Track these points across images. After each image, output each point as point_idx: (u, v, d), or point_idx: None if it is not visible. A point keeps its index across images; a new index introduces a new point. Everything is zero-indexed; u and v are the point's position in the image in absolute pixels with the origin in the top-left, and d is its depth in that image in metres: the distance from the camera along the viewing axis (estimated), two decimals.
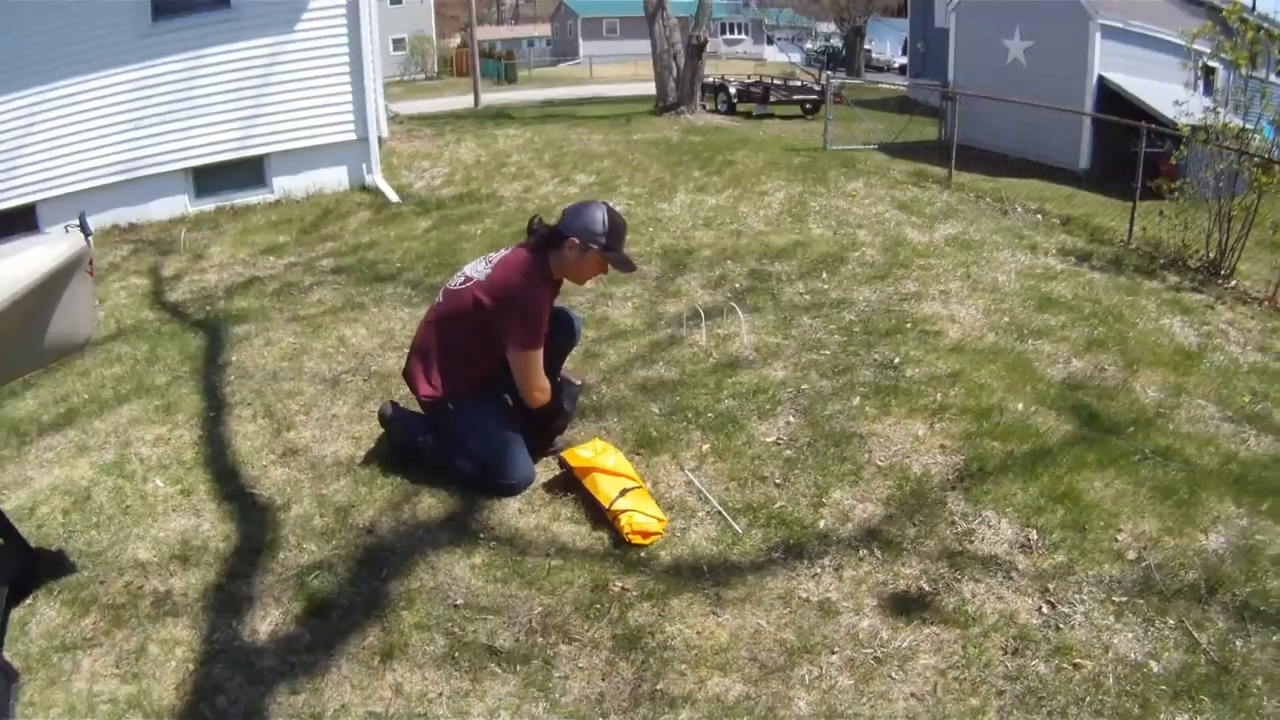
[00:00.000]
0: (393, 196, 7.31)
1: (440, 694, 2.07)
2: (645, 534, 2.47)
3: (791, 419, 3.16)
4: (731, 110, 12.59)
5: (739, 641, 2.13)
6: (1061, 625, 2.19)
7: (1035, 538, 2.46)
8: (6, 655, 2.28)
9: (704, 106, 11.45)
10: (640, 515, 2.48)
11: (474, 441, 2.75)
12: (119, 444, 3.33)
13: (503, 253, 2.78)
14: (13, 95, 6.27)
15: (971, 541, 2.45)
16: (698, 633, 2.17)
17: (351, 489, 2.89)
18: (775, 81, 13.90)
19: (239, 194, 7.33)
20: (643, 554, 2.46)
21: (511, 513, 2.70)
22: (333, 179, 7.63)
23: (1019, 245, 5.23)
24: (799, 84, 13.95)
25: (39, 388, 3.95)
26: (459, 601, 2.35)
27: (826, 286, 4.36)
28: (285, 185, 7.50)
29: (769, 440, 3.02)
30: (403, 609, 2.34)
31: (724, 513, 2.59)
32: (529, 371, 2.66)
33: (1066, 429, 3.09)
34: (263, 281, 5.32)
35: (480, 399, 2.74)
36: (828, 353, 3.68)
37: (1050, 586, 2.32)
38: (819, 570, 2.36)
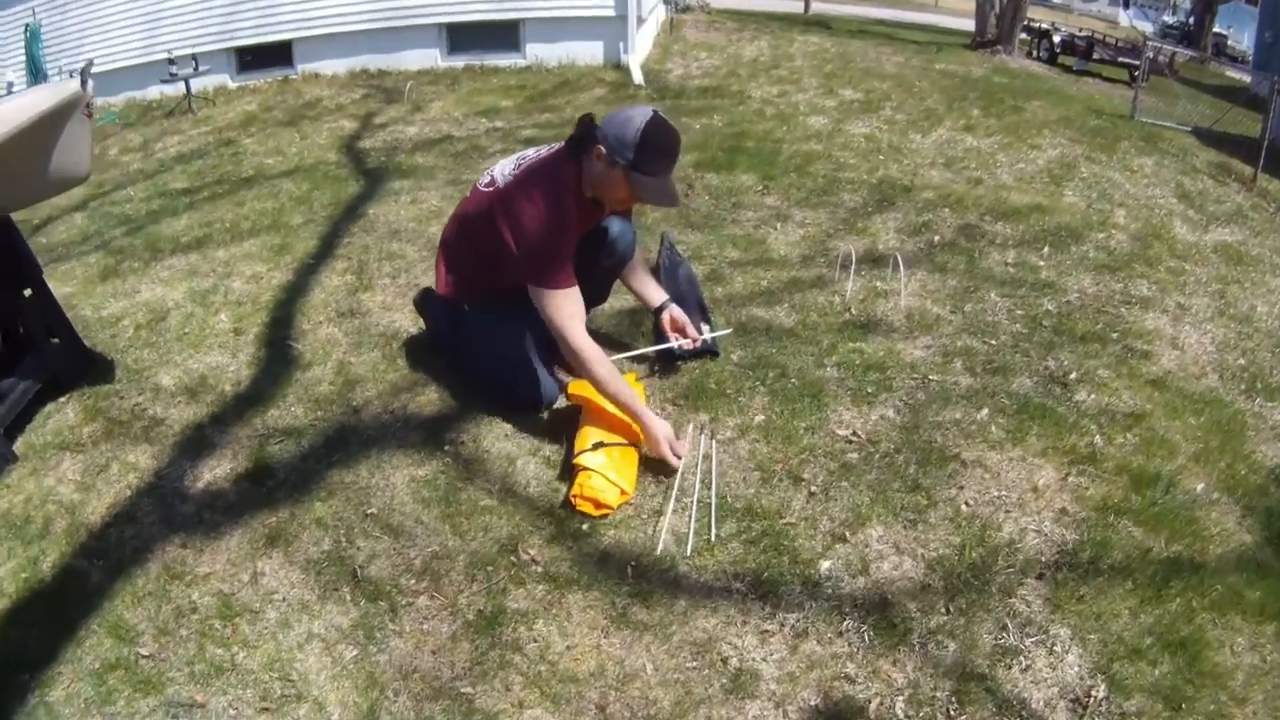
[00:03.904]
0: (637, 79, 7.34)
1: (284, 599, 2.08)
2: (598, 504, 2.18)
3: (890, 414, 2.58)
4: (1052, 60, 12.92)
5: (600, 679, 1.79)
6: None
7: (1101, 694, 1.72)
8: (21, 442, 2.77)
9: (1026, 52, 11.15)
10: (600, 480, 2.19)
11: (487, 350, 2.64)
12: (221, 275, 3.79)
13: (540, 152, 2.48)
14: None
15: (1009, 666, 1.79)
16: (567, 648, 1.87)
17: (372, 365, 2.98)
18: (1104, 38, 13.70)
19: (490, 55, 7.87)
20: (584, 526, 2.19)
21: (496, 433, 2.57)
22: (586, 53, 7.85)
23: None
24: (1129, 46, 13.53)
25: (196, 210, 4.65)
26: (372, 510, 2.31)
27: (1042, 264, 3.48)
28: (538, 52, 7.88)
29: (841, 433, 2.49)
30: (320, 499, 2.38)
31: (712, 508, 2.20)
32: (553, 316, 2.30)
33: (1243, 542, 2.14)
34: (454, 141, 5.67)
35: (499, 305, 2.55)
36: (993, 343, 2.93)
37: None
38: (773, 628, 1.89)
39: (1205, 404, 2.70)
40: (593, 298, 2.91)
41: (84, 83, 2.40)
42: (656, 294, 2.76)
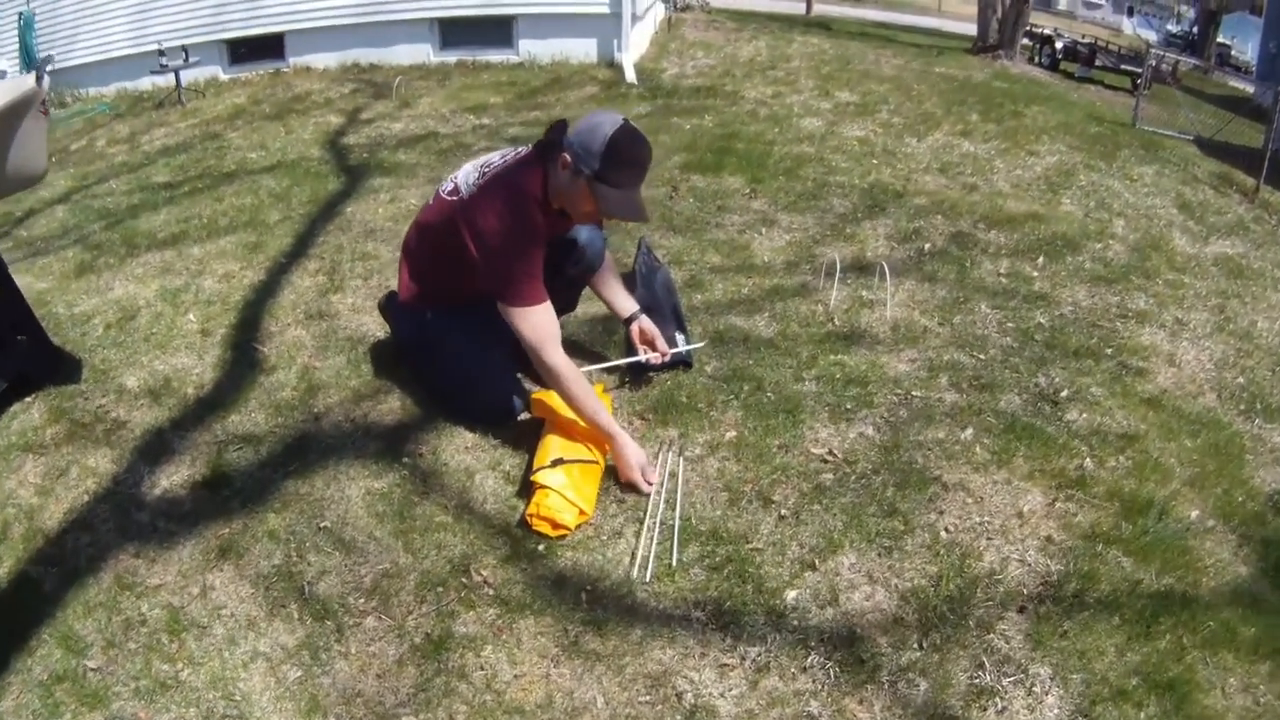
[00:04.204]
0: (630, 77, 7.27)
1: (231, 615, 2.04)
2: (555, 524, 2.12)
3: (870, 432, 2.51)
4: (1054, 66, 12.97)
5: (548, 710, 1.71)
6: None
7: None
8: None
9: (1028, 57, 11.19)
10: (558, 499, 2.13)
11: (449, 358, 2.58)
12: (193, 273, 3.74)
13: (506, 157, 2.39)
14: None
15: (984, 708, 1.71)
16: (515, 676, 1.80)
17: (336, 370, 2.92)
18: (1107, 45, 13.69)
19: (483, 51, 7.80)
20: (540, 546, 2.13)
21: (456, 445, 2.51)
22: (580, 50, 7.79)
23: None
24: (1132, 54, 13.55)
25: (175, 205, 4.60)
26: (326, 523, 2.26)
27: (1035, 274, 3.41)
28: (531, 49, 7.81)
29: (816, 452, 2.43)
30: (274, 510, 2.33)
31: (674, 531, 2.14)
32: (526, 334, 2.23)
33: (1238, 574, 2.07)
34: (439, 138, 5.61)
35: (462, 312, 2.48)
36: (981, 357, 2.87)
37: None
38: (733, 661, 1.82)
39: (1202, 425, 2.64)
40: (560, 306, 2.84)
41: (40, 79, 2.38)
42: (627, 303, 2.70)
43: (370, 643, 1.92)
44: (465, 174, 2.40)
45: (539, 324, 2.27)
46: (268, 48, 7.84)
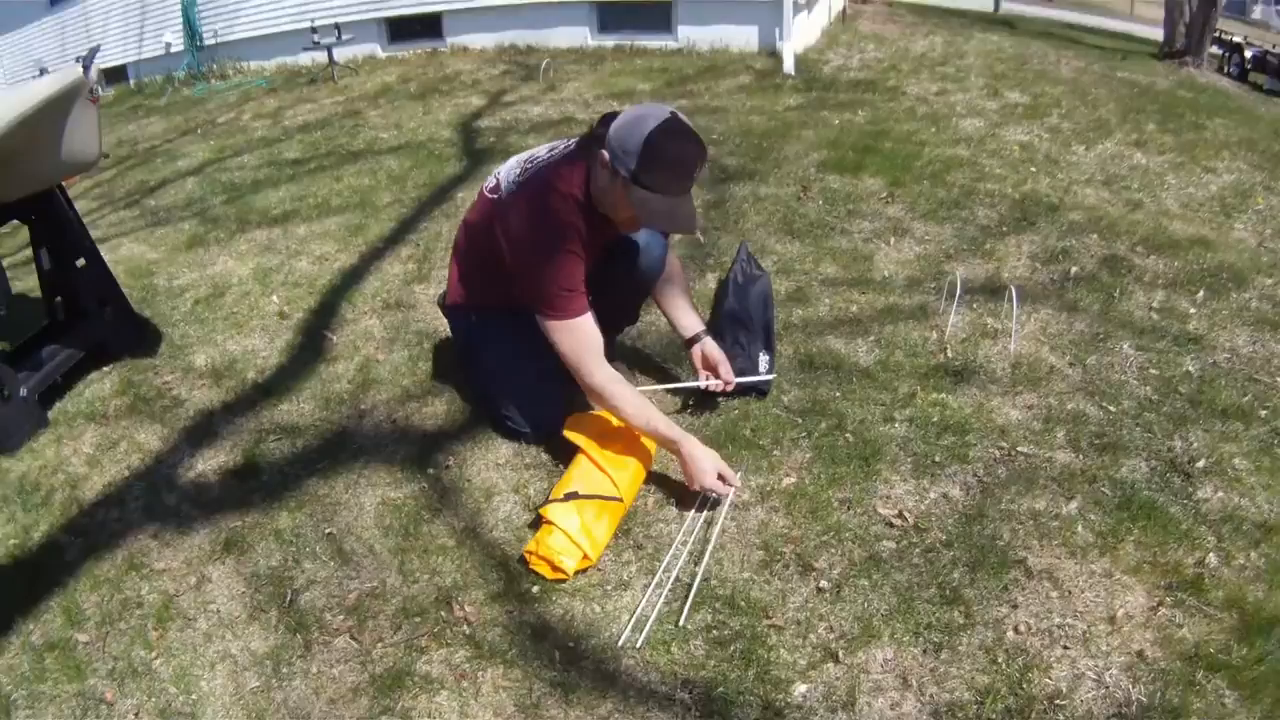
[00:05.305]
0: (788, 67, 6.98)
1: (216, 611, 2.06)
2: (553, 566, 1.96)
3: (955, 492, 2.17)
4: (1243, 76, 11.81)
5: None
6: None
7: None
8: (57, 408, 2.93)
9: (1216, 66, 10.72)
10: (561, 539, 1.96)
11: (489, 366, 2.48)
12: (291, 253, 3.87)
13: (552, 151, 2.22)
14: None
15: None
16: None
17: (395, 365, 2.91)
18: None
19: (641, 36, 7.74)
20: (535, 588, 1.97)
21: (486, 460, 2.41)
22: (741, 38, 7.57)
23: None
24: None
25: (296, 183, 4.80)
26: (332, 530, 2.23)
27: (1192, 311, 2.85)
28: (690, 35, 7.67)
29: (884, 512, 2.12)
30: (289, 509, 2.33)
31: (691, 590, 1.92)
32: (564, 350, 2.10)
33: None
34: (574, 124, 5.57)
35: (507, 320, 2.34)
36: (1111, 410, 2.41)
37: None
38: None
39: None
40: (617, 320, 2.68)
41: (86, 69, 2.47)
42: (690, 321, 2.47)
43: (333, 664, 1.85)
44: (508, 169, 2.26)
45: (578, 339, 2.11)
46: (426, 27, 8.13)
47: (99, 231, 4.62)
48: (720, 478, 2.05)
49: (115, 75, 10.29)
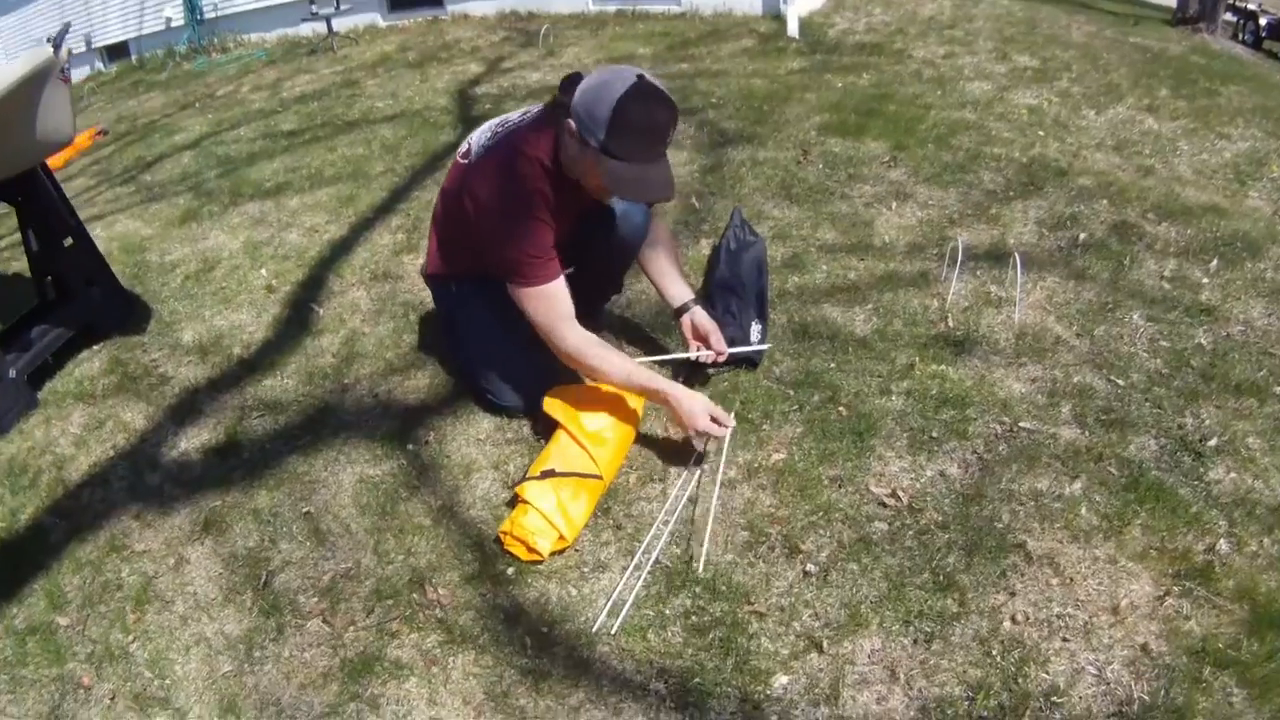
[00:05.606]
0: (791, 30, 6.79)
1: (194, 593, 2.03)
2: (529, 547, 1.90)
3: (952, 470, 2.08)
4: (1257, 45, 11.62)
5: None
6: None
7: None
8: (47, 388, 2.90)
9: (1231, 34, 10.75)
10: (537, 519, 1.90)
11: (466, 337, 2.41)
12: (282, 225, 3.80)
13: (522, 116, 2.13)
14: None
15: None
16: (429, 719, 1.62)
17: (380, 338, 2.86)
18: None
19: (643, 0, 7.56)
20: (510, 570, 1.91)
21: (467, 435, 2.35)
22: (745, 1, 7.40)
23: None
24: None
25: (290, 154, 4.72)
26: (309, 509, 2.18)
27: (1205, 280, 2.73)
28: None
29: (876, 491, 2.04)
30: (269, 488, 2.29)
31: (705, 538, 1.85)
32: (535, 318, 2.04)
33: None
34: None
35: (485, 290, 2.24)
36: (1119, 384, 2.31)
37: None
38: None
39: None
40: (603, 289, 2.60)
41: (57, 49, 2.43)
42: (680, 291, 2.38)
43: (305, 649, 1.82)
44: (480, 134, 2.18)
45: (550, 305, 2.04)
46: None
47: (95, 208, 4.57)
48: (713, 420, 1.99)
49: (117, 51, 10.19)
